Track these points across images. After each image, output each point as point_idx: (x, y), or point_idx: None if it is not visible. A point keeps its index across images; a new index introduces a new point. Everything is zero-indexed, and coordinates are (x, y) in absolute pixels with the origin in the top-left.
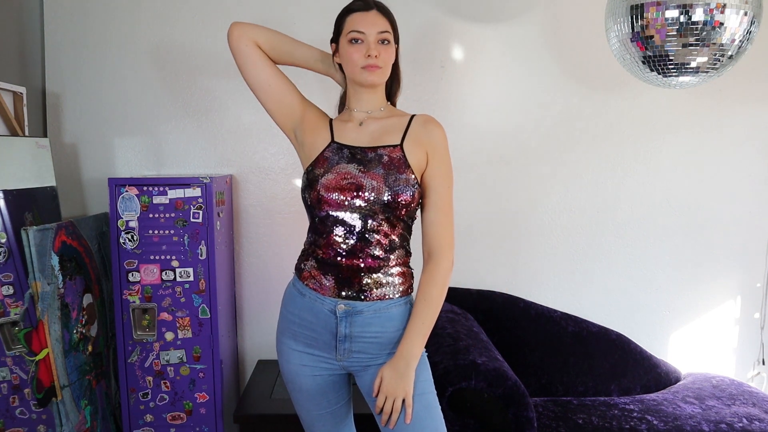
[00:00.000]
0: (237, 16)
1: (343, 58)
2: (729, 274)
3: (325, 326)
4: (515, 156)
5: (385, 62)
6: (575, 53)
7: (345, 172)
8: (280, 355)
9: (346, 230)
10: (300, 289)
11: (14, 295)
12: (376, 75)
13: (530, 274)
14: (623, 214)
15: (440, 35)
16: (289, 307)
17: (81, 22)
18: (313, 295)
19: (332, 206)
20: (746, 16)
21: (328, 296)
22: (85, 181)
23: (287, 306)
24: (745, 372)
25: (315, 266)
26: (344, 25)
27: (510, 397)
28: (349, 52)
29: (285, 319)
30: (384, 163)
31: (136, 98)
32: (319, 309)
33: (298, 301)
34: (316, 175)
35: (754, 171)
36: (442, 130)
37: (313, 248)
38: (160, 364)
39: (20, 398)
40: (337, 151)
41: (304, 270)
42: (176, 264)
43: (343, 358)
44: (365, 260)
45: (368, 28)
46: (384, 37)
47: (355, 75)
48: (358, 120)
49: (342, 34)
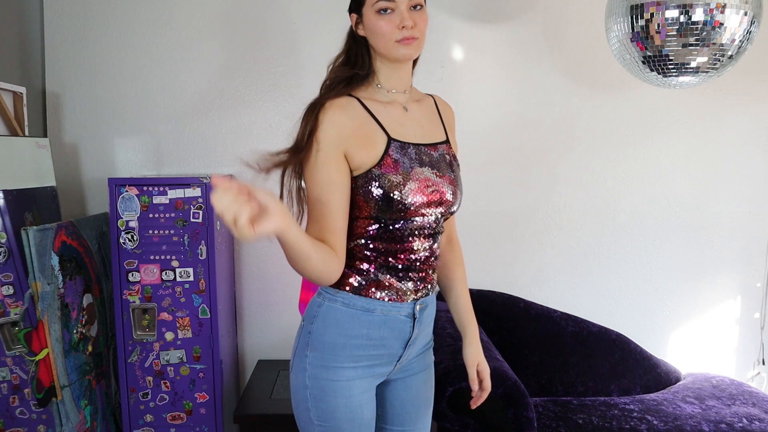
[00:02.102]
0: (236, 18)
1: (371, 32)
2: (729, 274)
3: (399, 335)
4: (515, 156)
5: (421, 31)
6: (575, 53)
7: (425, 179)
8: (334, 393)
9: (424, 235)
10: (365, 306)
11: (14, 295)
12: (413, 48)
13: (530, 274)
14: (623, 213)
15: (440, 35)
16: (349, 331)
17: (81, 22)
18: (386, 306)
19: (417, 215)
20: (746, 16)
21: (407, 302)
22: (85, 181)
23: (345, 330)
24: (745, 372)
25: (389, 276)
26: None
27: (510, 397)
28: (378, 24)
29: (340, 347)
30: (448, 163)
31: (136, 98)
32: (395, 318)
33: (364, 319)
34: (393, 182)
35: (754, 171)
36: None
37: (383, 257)
38: (160, 364)
39: (20, 398)
40: (401, 150)
41: (369, 284)
42: (176, 264)
43: (401, 364)
44: (436, 258)
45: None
46: (417, 2)
47: (388, 50)
48: (399, 104)
49: (366, 4)
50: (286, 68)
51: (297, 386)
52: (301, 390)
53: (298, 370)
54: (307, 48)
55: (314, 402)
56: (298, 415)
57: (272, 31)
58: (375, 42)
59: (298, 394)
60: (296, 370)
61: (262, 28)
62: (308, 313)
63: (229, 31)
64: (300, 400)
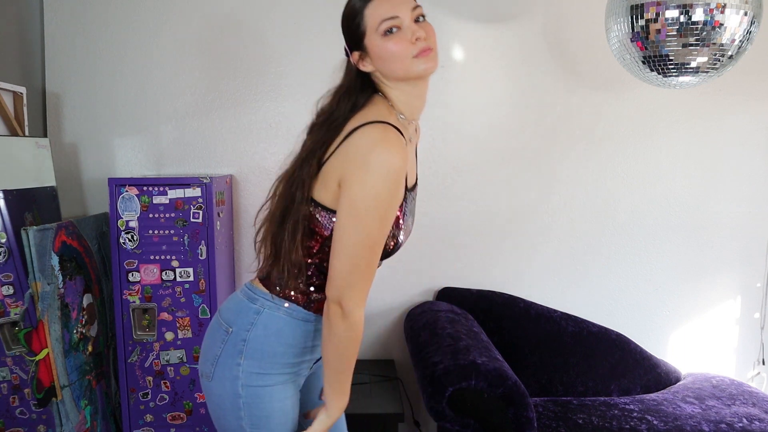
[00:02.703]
0: (238, 17)
1: (382, 58)
2: (729, 274)
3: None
4: (515, 156)
5: (434, 42)
6: (575, 53)
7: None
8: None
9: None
10: (307, 318)
11: (14, 295)
12: (432, 59)
13: (530, 274)
14: (623, 214)
15: (440, 35)
16: (290, 340)
17: (81, 22)
18: (319, 317)
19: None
20: (746, 16)
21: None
22: (85, 181)
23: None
24: (745, 372)
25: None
26: (366, 20)
27: (510, 397)
28: (387, 47)
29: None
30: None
31: (137, 98)
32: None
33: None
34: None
35: (754, 171)
36: None
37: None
38: (160, 364)
39: (20, 398)
40: (408, 200)
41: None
42: (176, 264)
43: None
44: None
45: (401, 10)
46: (419, 13)
47: (408, 69)
48: (408, 136)
49: (368, 32)
50: (286, 68)
51: (224, 395)
52: (232, 399)
53: (227, 378)
54: (308, 48)
55: (248, 410)
56: (225, 424)
57: (272, 31)
58: (390, 67)
59: (226, 403)
60: (223, 378)
61: (263, 29)
62: (239, 319)
63: (229, 31)
64: (229, 409)
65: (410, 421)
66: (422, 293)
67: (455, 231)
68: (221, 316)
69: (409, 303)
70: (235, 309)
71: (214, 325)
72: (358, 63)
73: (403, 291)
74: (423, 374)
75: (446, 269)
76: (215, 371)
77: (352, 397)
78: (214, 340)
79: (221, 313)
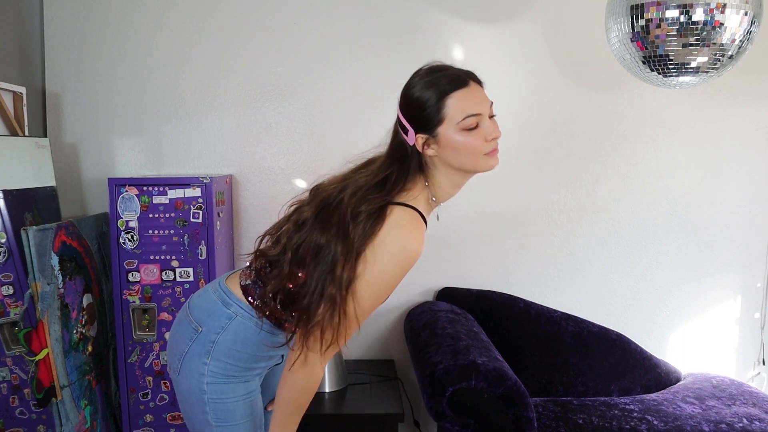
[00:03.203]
0: (238, 17)
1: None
2: (729, 274)
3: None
4: (515, 156)
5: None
6: (575, 53)
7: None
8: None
9: None
10: (272, 330)
11: (14, 295)
12: (497, 158)
13: (530, 274)
14: (623, 213)
15: (440, 35)
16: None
17: (81, 22)
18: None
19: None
20: (746, 16)
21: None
22: (85, 181)
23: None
24: (745, 372)
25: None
26: (446, 111)
27: (510, 397)
28: (467, 141)
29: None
30: None
31: (136, 98)
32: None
33: (270, 339)
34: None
35: (755, 171)
36: None
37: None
38: (160, 364)
39: (20, 398)
40: None
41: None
42: (176, 264)
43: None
44: None
45: (483, 108)
46: (492, 111)
47: (477, 165)
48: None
49: (445, 122)
50: (286, 68)
51: (190, 390)
52: (197, 394)
53: (193, 375)
54: (308, 48)
55: (213, 405)
56: (192, 417)
57: (272, 31)
58: (460, 160)
59: (192, 397)
60: (189, 374)
61: (262, 28)
62: (210, 321)
63: (229, 31)
64: (195, 403)
65: (410, 421)
66: (422, 293)
67: (455, 231)
68: (191, 314)
69: (409, 303)
70: (207, 309)
71: (183, 320)
72: (423, 147)
73: (403, 291)
74: (423, 374)
75: (446, 269)
76: (182, 367)
77: (353, 397)
78: (182, 336)
79: (191, 309)
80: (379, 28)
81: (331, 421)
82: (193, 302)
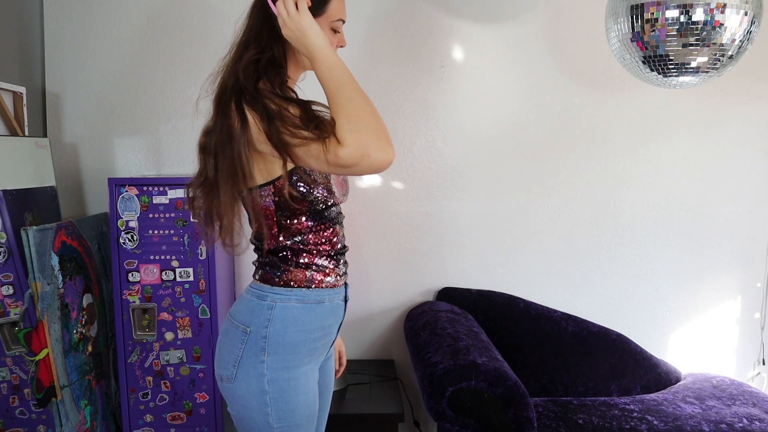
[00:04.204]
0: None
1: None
2: (729, 274)
3: (337, 320)
4: (515, 156)
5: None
6: (575, 53)
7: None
8: (296, 391)
9: (341, 223)
10: (317, 298)
11: (14, 295)
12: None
13: (530, 274)
14: (623, 213)
15: (440, 35)
16: (308, 326)
17: (81, 22)
18: (330, 294)
19: (339, 202)
20: (746, 16)
21: (340, 285)
22: (85, 181)
23: (305, 326)
24: (746, 372)
25: (326, 263)
26: (328, 7)
27: (510, 397)
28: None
29: (301, 344)
30: None
31: (136, 98)
32: (337, 304)
33: (318, 311)
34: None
35: (755, 171)
36: None
37: (316, 247)
38: (160, 364)
39: (20, 398)
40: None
41: (313, 275)
42: (176, 264)
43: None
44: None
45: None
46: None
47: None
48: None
49: (324, 16)
50: None
51: (250, 394)
52: (258, 396)
53: (251, 377)
54: None
55: (275, 405)
56: (251, 423)
57: None
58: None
59: (251, 402)
60: (248, 378)
61: None
62: (255, 318)
63: (229, 31)
64: (256, 408)
65: (410, 421)
66: (422, 293)
67: (455, 231)
68: (234, 320)
69: (409, 303)
70: (247, 309)
71: (228, 329)
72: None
73: (403, 291)
74: (423, 374)
75: (446, 269)
76: (237, 372)
77: (353, 397)
78: (232, 342)
79: (233, 316)
80: (379, 28)
81: (331, 421)
82: (233, 310)
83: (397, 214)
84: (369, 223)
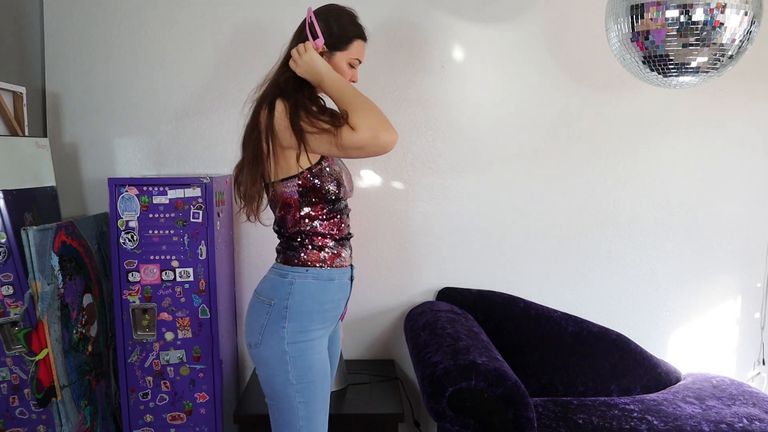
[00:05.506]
0: (238, 17)
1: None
2: (729, 274)
3: (345, 296)
4: (515, 156)
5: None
6: (575, 53)
7: (345, 168)
8: (312, 350)
9: (348, 212)
10: (330, 276)
11: (14, 295)
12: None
13: (530, 274)
14: (623, 213)
15: (440, 35)
16: (321, 298)
17: (81, 22)
18: (339, 273)
19: (347, 196)
20: (746, 16)
21: (347, 266)
22: (85, 181)
23: (318, 298)
24: (746, 372)
25: (335, 246)
26: (350, 47)
27: (510, 397)
28: (346, 72)
29: (316, 313)
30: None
31: (136, 98)
32: (345, 282)
33: (330, 287)
34: (336, 171)
35: (755, 171)
36: None
37: (328, 233)
38: (160, 364)
39: (20, 398)
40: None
41: (332, 255)
42: (176, 264)
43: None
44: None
45: (363, 58)
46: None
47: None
48: None
49: (343, 52)
50: None
51: (272, 355)
52: (279, 356)
53: (274, 341)
54: None
55: (294, 363)
56: (274, 380)
57: (273, 31)
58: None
59: (273, 361)
60: (271, 342)
61: (263, 29)
62: (277, 293)
63: (229, 31)
64: (277, 366)
65: (410, 421)
66: (422, 293)
67: (455, 231)
68: (260, 295)
69: (409, 303)
70: (271, 286)
71: (255, 303)
72: (321, 52)
73: (403, 291)
74: (423, 374)
75: (446, 269)
76: (263, 338)
77: (353, 397)
78: (259, 313)
79: (259, 293)
80: (379, 28)
81: (331, 421)
82: (259, 287)
83: (397, 214)
84: (369, 223)
